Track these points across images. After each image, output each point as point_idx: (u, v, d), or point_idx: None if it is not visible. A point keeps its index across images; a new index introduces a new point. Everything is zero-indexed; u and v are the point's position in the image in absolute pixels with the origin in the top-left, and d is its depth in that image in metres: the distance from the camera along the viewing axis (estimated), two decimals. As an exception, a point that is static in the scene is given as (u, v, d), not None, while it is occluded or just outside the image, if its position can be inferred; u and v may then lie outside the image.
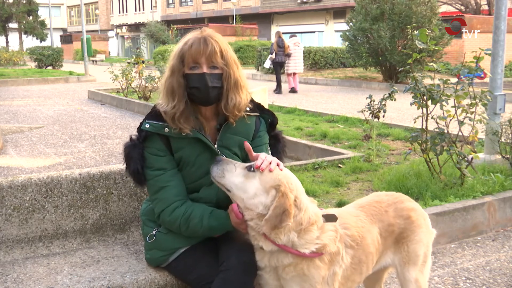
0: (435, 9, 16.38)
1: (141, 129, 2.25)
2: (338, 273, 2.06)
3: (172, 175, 2.23)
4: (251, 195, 1.97)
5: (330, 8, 37.35)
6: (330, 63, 22.88)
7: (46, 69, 26.37)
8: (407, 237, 2.31)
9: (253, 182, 1.97)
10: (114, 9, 61.86)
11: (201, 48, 2.13)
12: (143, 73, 12.33)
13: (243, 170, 2.01)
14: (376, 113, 6.90)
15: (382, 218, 2.27)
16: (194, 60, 2.15)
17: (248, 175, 1.99)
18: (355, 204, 2.37)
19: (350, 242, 2.11)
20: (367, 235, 2.17)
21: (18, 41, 49.71)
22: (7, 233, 2.56)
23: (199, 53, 2.14)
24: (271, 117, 2.44)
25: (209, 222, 2.15)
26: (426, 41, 4.15)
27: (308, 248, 1.98)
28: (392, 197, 2.39)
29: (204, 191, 2.27)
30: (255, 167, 1.99)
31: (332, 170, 5.31)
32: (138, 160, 2.22)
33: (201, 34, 2.17)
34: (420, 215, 2.38)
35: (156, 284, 2.33)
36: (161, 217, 2.24)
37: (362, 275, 2.19)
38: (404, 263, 2.33)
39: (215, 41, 2.15)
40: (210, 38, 2.15)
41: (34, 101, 14.04)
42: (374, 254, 2.21)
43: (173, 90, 2.18)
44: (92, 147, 7.64)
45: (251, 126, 2.33)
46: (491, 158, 5.10)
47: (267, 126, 2.42)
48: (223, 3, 45.79)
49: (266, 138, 2.39)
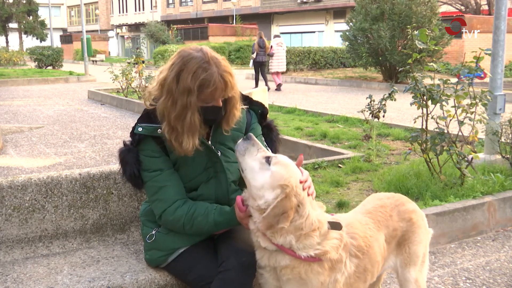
0: (435, 9, 16.39)
1: (134, 133, 2.24)
2: (339, 281, 2.05)
3: (169, 174, 2.23)
4: (258, 186, 1.95)
5: (330, 8, 37.37)
6: (330, 63, 22.89)
7: (46, 69, 26.37)
8: (408, 239, 2.32)
9: (265, 174, 1.96)
10: (114, 9, 61.88)
11: (223, 88, 2.10)
12: (143, 73, 12.34)
13: (262, 159, 1.99)
14: (376, 113, 6.90)
15: (388, 224, 2.27)
16: (213, 98, 2.13)
17: (264, 165, 1.97)
18: (362, 210, 2.35)
19: (355, 251, 2.09)
20: (374, 243, 2.17)
21: (18, 41, 49.72)
22: (7, 233, 2.56)
23: (221, 93, 2.12)
24: (261, 108, 2.46)
25: (215, 218, 2.15)
26: (426, 41, 4.15)
27: (307, 252, 1.96)
28: (393, 199, 2.39)
29: (202, 188, 2.27)
30: (300, 181, 1.97)
31: (332, 170, 5.31)
32: (133, 164, 2.22)
33: (216, 70, 2.09)
34: (420, 216, 2.39)
35: (156, 284, 2.33)
36: (163, 217, 2.23)
37: (366, 283, 2.19)
38: (406, 265, 2.33)
39: (229, 74, 2.12)
40: (225, 74, 2.10)
41: (34, 101, 14.04)
42: (380, 263, 2.21)
43: (196, 127, 2.13)
44: (92, 147, 7.64)
45: (242, 119, 2.34)
46: (491, 158, 5.10)
47: (258, 117, 2.44)
48: (223, 3, 45.79)
49: (259, 129, 2.41)
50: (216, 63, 2.11)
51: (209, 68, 2.08)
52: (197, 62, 2.09)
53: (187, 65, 2.09)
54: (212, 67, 2.09)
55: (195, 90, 2.07)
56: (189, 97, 2.08)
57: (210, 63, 2.09)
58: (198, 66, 2.08)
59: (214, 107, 2.14)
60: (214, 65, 2.09)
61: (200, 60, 2.09)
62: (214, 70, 2.08)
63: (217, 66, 2.10)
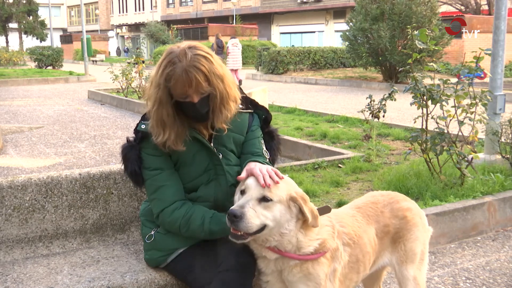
0: (435, 9, 16.38)
1: (137, 130, 2.26)
2: (338, 270, 2.07)
3: (169, 174, 2.24)
4: (283, 222, 1.96)
5: (330, 8, 37.37)
6: (330, 63, 22.88)
7: (46, 69, 26.38)
8: (403, 236, 2.32)
9: (277, 207, 1.95)
10: (114, 9, 61.87)
11: (185, 83, 2.07)
12: (143, 73, 12.34)
13: (260, 204, 1.94)
14: (376, 113, 6.90)
15: (378, 219, 2.28)
16: (182, 93, 2.12)
17: (268, 205, 1.94)
18: (351, 205, 2.38)
19: (347, 240, 2.12)
20: (363, 234, 2.19)
21: (18, 41, 49.74)
22: (7, 233, 2.56)
23: (184, 88, 2.09)
24: (265, 113, 2.45)
25: (210, 226, 2.15)
26: (426, 41, 4.15)
27: (311, 244, 2.00)
28: (388, 197, 2.40)
29: (202, 189, 2.27)
30: (262, 185, 1.96)
31: (332, 170, 5.31)
32: (135, 161, 2.24)
33: (181, 66, 2.06)
34: (416, 214, 2.38)
35: (156, 284, 2.33)
36: (160, 217, 2.24)
37: (360, 274, 2.19)
38: (402, 262, 2.33)
39: (197, 70, 2.07)
40: (192, 69, 2.06)
41: (34, 101, 14.04)
42: (371, 254, 2.22)
43: (163, 121, 2.14)
44: (92, 147, 7.64)
45: (243, 122, 2.34)
46: (491, 158, 5.10)
47: (261, 122, 2.44)
48: (223, 3, 45.79)
49: (258, 132, 2.40)
50: (187, 59, 2.07)
51: (175, 63, 2.07)
52: (170, 58, 2.10)
53: (162, 63, 2.13)
54: (179, 63, 2.07)
55: (162, 85, 2.10)
56: (159, 91, 2.12)
57: (180, 58, 2.08)
58: (168, 61, 2.11)
59: (189, 103, 2.13)
60: (183, 61, 2.07)
61: (173, 56, 2.10)
62: (180, 65, 2.06)
63: (186, 61, 2.07)
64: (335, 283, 2.06)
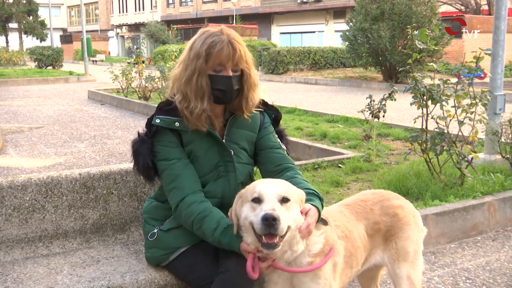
0: (435, 9, 16.40)
1: (152, 124, 2.26)
2: (338, 264, 2.08)
3: (186, 164, 2.24)
4: (298, 221, 1.95)
5: (330, 8, 37.36)
6: (330, 63, 22.89)
7: (46, 69, 26.39)
8: (395, 234, 2.31)
9: (294, 207, 1.96)
10: (114, 9, 61.88)
11: (230, 52, 2.16)
12: (143, 73, 12.34)
13: (282, 206, 1.92)
14: (376, 113, 6.90)
15: (368, 216, 2.28)
16: (221, 63, 2.18)
17: (288, 206, 1.93)
18: (340, 203, 2.39)
19: (340, 233, 2.12)
20: (353, 229, 2.20)
21: (18, 41, 49.74)
22: (7, 233, 2.56)
23: (227, 57, 2.17)
24: (275, 112, 2.51)
25: (220, 236, 2.10)
26: (426, 41, 4.15)
27: (318, 241, 2.01)
28: (379, 195, 2.39)
29: (210, 186, 2.27)
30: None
31: (332, 170, 5.31)
32: (147, 155, 2.24)
33: (226, 37, 2.18)
34: (409, 213, 2.37)
35: (156, 284, 2.33)
36: (178, 207, 2.20)
37: (353, 269, 2.20)
38: (394, 260, 2.32)
39: (240, 45, 2.19)
40: (236, 43, 2.18)
41: (34, 101, 14.04)
42: (362, 249, 2.22)
43: (203, 90, 2.19)
44: (92, 147, 7.64)
45: (255, 119, 2.38)
46: (491, 158, 5.10)
47: (271, 120, 2.48)
48: (223, 3, 45.79)
49: (271, 128, 2.46)
50: (229, 34, 2.20)
51: (219, 35, 2.19)
52: (211, 33, 2.21)
53: (201, 36, 2.22)
54: (223, 35, 2.19)
55: (203, 54, 2.16)
56: (198, 61, 2.17)
57: (222, 32, 2.20)
58: (210, 34, 2.21)
59: (223, 76, 2.19)
60: (225, 35, 2.19)
61: (213, 31, 2.22)
62: (224, 37, 2.18)
63: (229, 35, 2.19)
64: (337, 277, 2.06)
